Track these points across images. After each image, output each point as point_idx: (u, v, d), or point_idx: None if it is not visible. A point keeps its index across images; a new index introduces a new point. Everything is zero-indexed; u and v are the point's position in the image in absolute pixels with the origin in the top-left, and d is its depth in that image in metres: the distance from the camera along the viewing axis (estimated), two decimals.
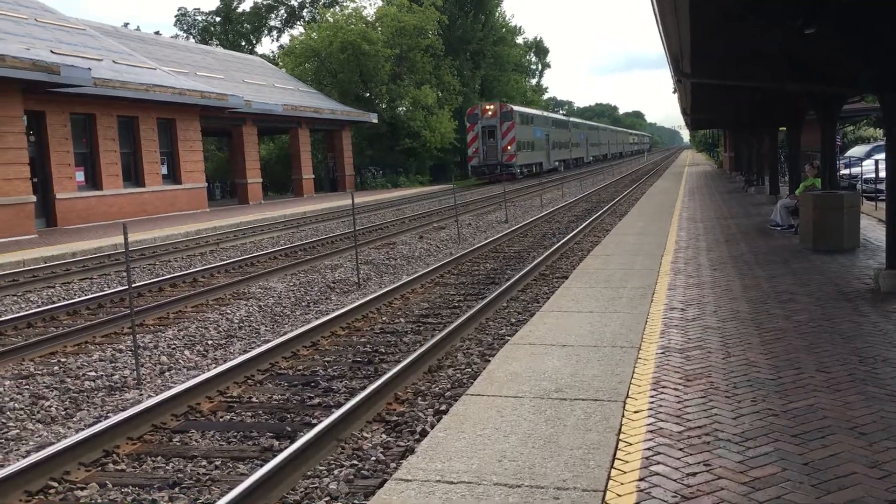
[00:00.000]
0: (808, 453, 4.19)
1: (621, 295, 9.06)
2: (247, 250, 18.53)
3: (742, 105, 21.56)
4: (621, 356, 6.32)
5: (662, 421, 4.77)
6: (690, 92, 17.84)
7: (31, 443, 6.24)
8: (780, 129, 23.62)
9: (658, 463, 4.13)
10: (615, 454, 4.29)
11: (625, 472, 4.04)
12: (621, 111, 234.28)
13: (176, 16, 77.24)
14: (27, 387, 7.75)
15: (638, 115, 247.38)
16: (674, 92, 23.95)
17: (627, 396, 5.27)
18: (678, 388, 5.40)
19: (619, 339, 6.89)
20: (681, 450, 4.30)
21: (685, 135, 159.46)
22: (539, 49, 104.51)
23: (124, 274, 14.71)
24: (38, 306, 12.28)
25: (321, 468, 5.29)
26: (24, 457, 5.76)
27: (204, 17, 76.98)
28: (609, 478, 3.98)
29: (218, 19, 76.36)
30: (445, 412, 6.01)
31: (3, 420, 6.79)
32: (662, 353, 6.36)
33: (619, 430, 4.66)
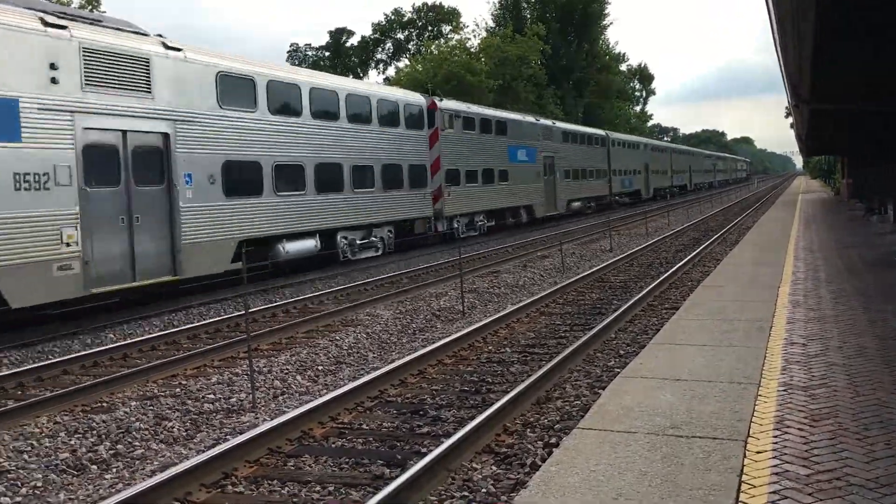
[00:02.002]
0: None
1: (736, 328, 8.74)
2: (353, 278, 18.92)
3: (866, 130, 20.59)
4: (740, 392, 6.09)
5: (788, 463, 4.55)
6: (808, 117, 17.19)
7: (155, 462, 6.52)
8: None
9: None
10: (738, 497, 4.12)
11: None
12: (729, 137, 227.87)
13: (288, 51, 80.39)
14: (151, 407, 8.11)
15: (747, 142, 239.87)
16: (787, 116, 23.18)
17: (748, 435, 5.07)
18: (803, 429, 5.15)
19: (736, 375, 6.64)
20: (809, 494, 4.09)
21: (798, 161, 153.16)
22: (643, 76, 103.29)
23: (239, 300, 15.27)
24: (160, 330, 12.87)
25: (432, 498, 5.30)
26: (148, 476, 6.02)
27: (314, 52, 79.80)
28: None
29: (327, 54, 79.00)
30: (556, 445, 5.93)
31: (130, 440, 7.12)
32: (785, 390, 6.09)
33: (741, 471, 4.48)
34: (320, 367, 9.81)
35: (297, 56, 79.33)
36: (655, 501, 4.09)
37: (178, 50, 15.32)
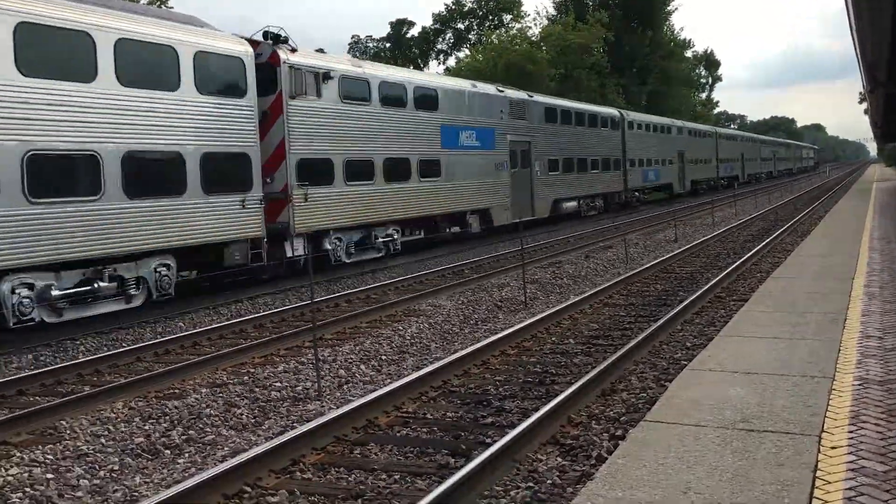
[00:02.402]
0: None
1: (808, 320, 8.50)
2: (414, 269, 19.01)
3: None
4: (813, 386, 5.92)
5: (864, 459, 4.42)
6: (884, 101, 16.57)
7: (225, 448, 6.68)
8: None
9: None
10: (812, 493, 4.02)
11: None
12: (800, 124, 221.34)
13: (350, 43, 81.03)
14: (221, 395, 8.32)
15: (818, 128, 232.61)
16: (861, 102, 22.37)
17: (823, 430, 4.93)
18: (880, 424, 4.99)
19: (809, 368, 6.47)
20: (888, 491, 3.96)
21: (872, 148, 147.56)
22: (709, 62, 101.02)
23: (303, 290, 15.50)
24: (228, 319, 13.16)
25: (497, 488, 5.31)
26: (220, 462, 6.18)
27: (375, 44, 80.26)
28: None
29: (388, 45, 79.35)
30: (622, 438, 5.87)
31: (201, 425, 7.32)
32: (860, 384, 5.90)
33: (816, 466, 4.36)
34: (384, 357, 9.90)
35: (359, 48, 79.91)
36: (726, 496, 4.01)
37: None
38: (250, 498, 5.43)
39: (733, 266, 15.62)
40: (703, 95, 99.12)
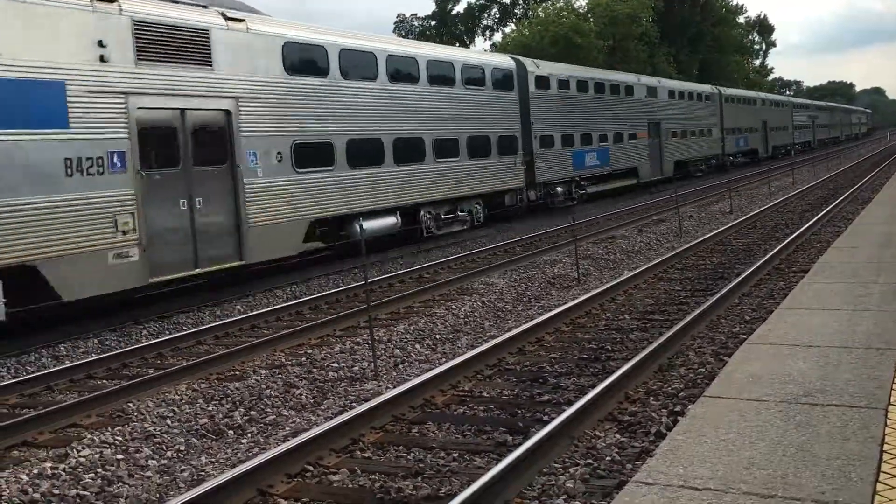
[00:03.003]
0: None
1: (872, 291, 8.28)
2: (467, 247, 19.04)
3: None
4: (878, 359, 5.78)
5: None
6: None
7: (286, 428, 6.82)
8: None
9: None
10: (880, 467, 3.94)
11: (893, 488, 3.69)
12: (859, 88, 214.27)
13: (395, 22, 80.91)
14: (280, 376, 8.48)
15: (878, 92, 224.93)
16: None
17: (889, 403, 4.81)
18: None
19: (873, 340, 6.31)
20: None
21: None
22: (763, 27, 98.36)
23: (356, 271, 15.64)
24: (284, 301, 13.38)
25: (556, 465, 5.33)
26: (281, 441, 6.31)
27: (420, 22, 80.00)
28: (875, 492, 3.66)
29: (433, 23, 79.03)
30: (681, 414, 5.83)
31: (262, 406, 7.48)
32: None
33: (883, 440, 4.27)
34: (438, 336, 9.97)
35: (404, 27, 79.78)
36: (791, 471, 3.96)
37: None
38: (312, 476, 5.54)
39: (792, 237, 15.28)
40: (757, 62, 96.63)
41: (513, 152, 22.41)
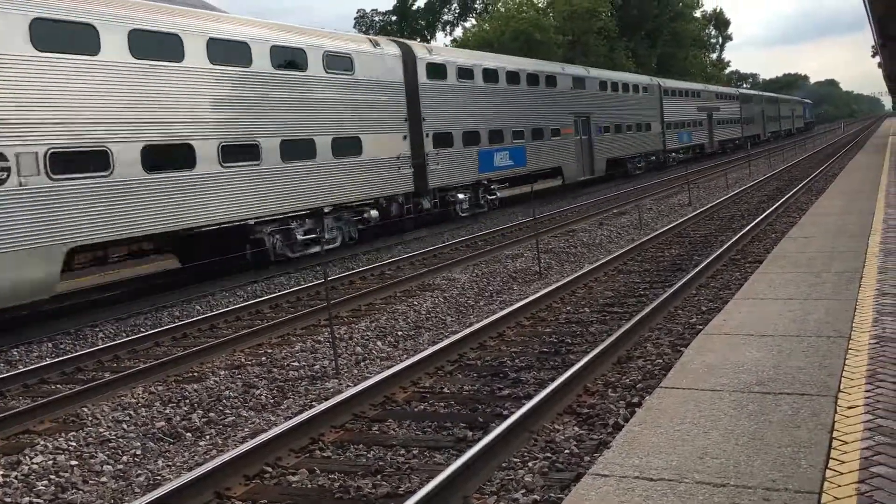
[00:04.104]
0: None
1: (824, 280, 8.44)
2: (429, 242, 19.01)
3: None
4: (829, 347, 5.89)
5: (881, 418, 4.40)
6: None
7: (245, 429, 6.75)
8: None
9: (880, 464, 3.81)
10: (829, 453, 4.01)
11: (842, 474, 3.76)
12: (813, 80, 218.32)
13: (356, 17, 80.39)
14: (239, 376, 8.39)
15: (832, 84, 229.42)
16: (873, 56, 21.99)
17: (839, 391, 4.91)
18: None
19: (824, 329, 6.43)
20: None
21: (887, 101, 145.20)
22: (719, 21, 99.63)
23: (317, 269, 15.54)
24: (244, 300, 13.24)
25: (515, 460, 5.34)
26: (240, 443, 6.24)
27: (381, 18, 79.62)
28: (824, 479, 3.73)
29: (394, 18, 78.72)
30: (638, 405, 5.88)
31: (221, 408, 7.39)
32: (877, 343, 5.86)
33: (832, 427, 4.35)
34: (400, 333, 9.94)
35: (364, 23, 79.35)
36: (743, 460, 4.02)
37: None
38: (271, 477, 5.49)
39: (748, 227, 15.52)
40: (714, 56, 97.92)
41: (395, 154, 19.43)
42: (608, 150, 32.90)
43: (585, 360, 7.05)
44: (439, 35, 76.42)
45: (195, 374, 8.71)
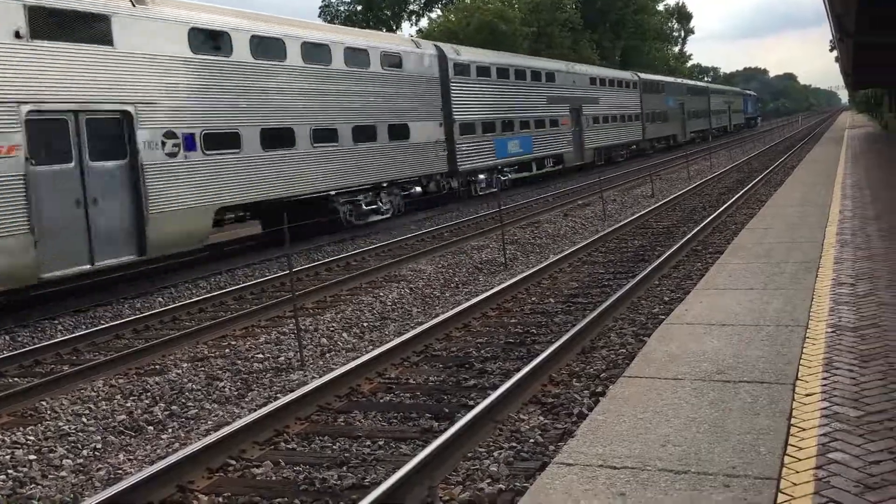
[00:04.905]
0: None
1: (783, 270, 8.60)
2: (395, 234, 18.99)
3: None
4: (787, 336, 6.01)
5: (838, 405, 4.50)
6: (853, 50, 16.61)
7: (209, 422, 6.69)
8: None
9: (836, 450, 3.90)
10: (787, 440, 4.10)
11: (799, 460, 3.85)
12: (772, 74, 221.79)
13: (321, 7, 79.62)
14: (203, 369, 8.31)
15: (791, 78, 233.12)
16: (831, 50, 22.38)
17: (797, 378, 5.01)
18: (853, 370, 5.07)
19: (783, 318, 6.55)
20: (861, 436, 4.04)
21: (843, 95, 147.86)
22: (681, 15, 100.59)
23: (282, 260, 15.43)
24: (208, 291, 13.11)
25: (481, 450, 5.37)
26: (203, 436, 6.19)
27: (347, 7, 79.00)
28: (783, 465, 3.80)
29: (360, 7, 78.16)
30: (602, 394, 5.94)
31: (184, 400, 7.32)
32: (833, 332, 6.00)
33: (790, 414, 4.44)
34: (365, 324, 9.92)
35: (329, 12, 78.69)
36: (704, 447, 4.08)
37: None
38: (235, 470, 5.45)
39: (709, 219, 15.74)
40: (677, 49, 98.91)
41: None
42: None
43: (550, 350, 7.10)
44: (405, 25, 76.07)
45: (157, 366, 8.60)
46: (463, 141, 24.31)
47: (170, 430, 6.58)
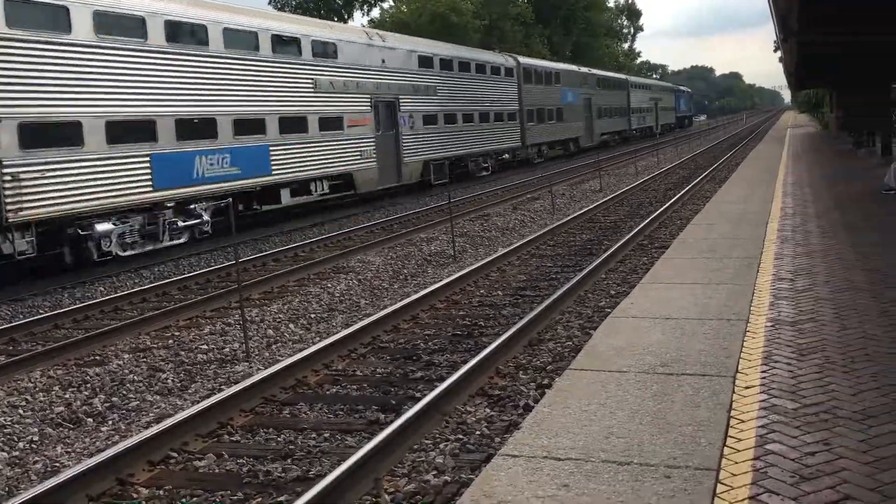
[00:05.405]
0: None
1: (726, 265, 8.78)
2: (344, 225, 18.87)
3: (853, 61, 20.42)
4: (729, 329, 6.13)
5: (776, 397, 4.61)
6: (796, 50, 17.01)
7: (150, 414, 6.57)
8: (894, 86, 22.28)
9: (773, 441, 4.00)
10: (727, 432, 4.18)
11: (738, 451, 3.93)
12: (718, 73, 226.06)
13: None
14: (145, 360, 8.14)
15: (736, 77, 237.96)
16: (776, 51, 22.91)
17: (737, 371, 5.12)
18: (791, 363, 5.20)
19: (725, 312, 6.69)
20: (797, 428, 4.15)
21: (786, 95, 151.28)
22: (631, 12, 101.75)
23: (228, 250, 15.21)
24: (151, 281, 12.85)
25: (427, 442, 5.37)
26: (144, 428, 6.07)
27: None
28: (722, 456, 3.88)
29: None
30: (548, 386, 6.00)
31: (124, 392, 7.16)
32: (772, 325, 6.14)
33: (730, 406, 4.53)
34: (313, 315, 9.84)
35: (281, 0, 77.53)
36: (646, 439, 4.14)
37: None
38: (177, 463, 5.36)
39: (655, 214, 15.98)
40: (626, 46, 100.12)
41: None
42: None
43: (497, 342, 7.14)
44: (357, 14, 75.38)
45: (97, 357, 8.40)
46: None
47: (110, 423, 6.44)
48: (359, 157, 21.70)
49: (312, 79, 19.91)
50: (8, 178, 12.05)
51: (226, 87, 16.90)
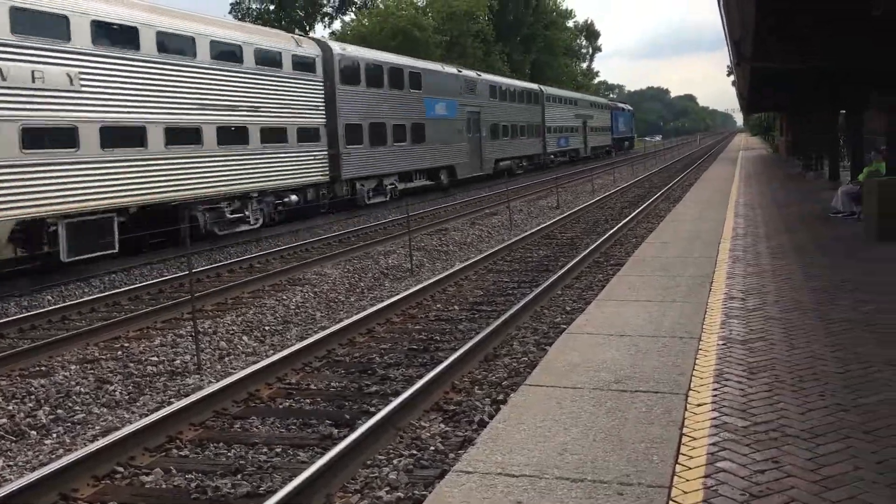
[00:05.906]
0: (882, 451, 4.06)
1: (679, 283, 8.90)
2: (301, 236, 18.71)
3: (803, 87, 20.97)
4: (681, 347, 6.21)
5: (727, 415, 4.67)
6: (749, 75, 17.41)
7: (97, 427, 6.40)
8: (841, 111, 22.92)
9: (724, 459, 4.04)
10: (679, 449, 4.22)
11: (690, 469, 3.97)
12: (673, 95, 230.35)
13: (231, 4, 77.79)
14: (92, 371, 7.95)
15: (691, 99, 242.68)
16: (728, 74, 23.44)
17: (689, 389, 5.18)
18: (742, 381, 5.28)
19: (678, 330, 6.77)
20: (748, 446, 4.20)
21: (738, 118, 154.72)
22: (590, 32, 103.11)
23: (183, 260, 14.98)
24: (101, 291, 12.58)
25: (380, 457, 5.32)
26: (90, 441, 5.91)
27: (258, 6, 77.50)
28: (674, 473, 3.91)
29: (272, 7, 76.83)
30: (503, 402, 5.99)
31: (70, 404, 6.98)
32: (724, 344, 6.23)
33: (682, 423, 4.58)
34: (267, 328, 9.72)
35: (241, 9, 77.06)
36: (600, 455, 4.16)
37: None
38: (123, 478, 5.22)
39: (611, 232, 16.15)
40: (584, 65, 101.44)
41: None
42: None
43: (453, 357, 7.12)
44: (318, 27, 75.18)
45: (43, 368, 8.18)
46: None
47: (54, 436, 6.26)
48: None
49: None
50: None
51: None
